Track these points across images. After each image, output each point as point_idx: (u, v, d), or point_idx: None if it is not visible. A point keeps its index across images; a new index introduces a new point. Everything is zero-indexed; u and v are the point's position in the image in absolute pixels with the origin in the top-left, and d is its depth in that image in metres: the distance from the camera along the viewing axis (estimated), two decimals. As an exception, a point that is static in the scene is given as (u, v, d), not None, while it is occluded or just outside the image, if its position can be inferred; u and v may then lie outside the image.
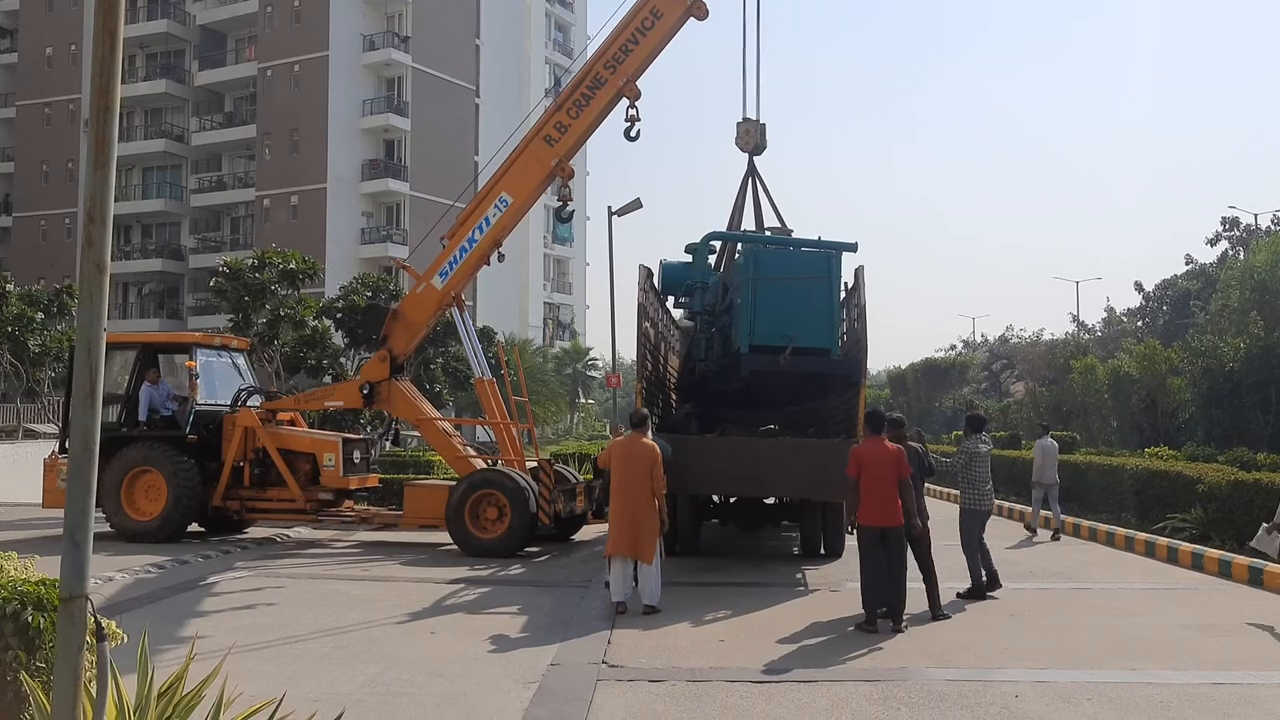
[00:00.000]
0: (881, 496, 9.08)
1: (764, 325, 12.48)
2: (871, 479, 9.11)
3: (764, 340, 12.45)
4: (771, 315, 12.47)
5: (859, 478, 9.19)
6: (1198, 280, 45.25)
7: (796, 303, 12.51)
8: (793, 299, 12.53)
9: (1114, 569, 13.09)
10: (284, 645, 8.32)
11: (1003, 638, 8.90)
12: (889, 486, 9.09)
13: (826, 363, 12.75)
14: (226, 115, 55.28)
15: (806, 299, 12.58)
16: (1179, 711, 6.56)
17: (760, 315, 12.51)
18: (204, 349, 16.34)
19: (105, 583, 11.09)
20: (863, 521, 9.24)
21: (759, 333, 12.50)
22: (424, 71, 53.17)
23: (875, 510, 9.11)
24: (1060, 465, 17.02)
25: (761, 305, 12.52)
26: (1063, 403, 32.88)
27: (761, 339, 12.48)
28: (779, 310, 12.48)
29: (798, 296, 12.57)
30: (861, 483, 9.18)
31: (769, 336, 12.43)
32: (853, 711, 6.54)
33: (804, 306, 12.52)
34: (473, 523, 13.88)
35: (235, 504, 15.29)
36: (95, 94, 3.33)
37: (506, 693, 6.93)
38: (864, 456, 9.22)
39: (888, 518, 9.09)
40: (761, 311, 12.51)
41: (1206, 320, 33.49)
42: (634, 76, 14.37)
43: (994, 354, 62.45)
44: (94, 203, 3.32)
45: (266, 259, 26.37)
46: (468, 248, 14.99)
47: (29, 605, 4.33)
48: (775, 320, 12.44)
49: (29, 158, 56.26)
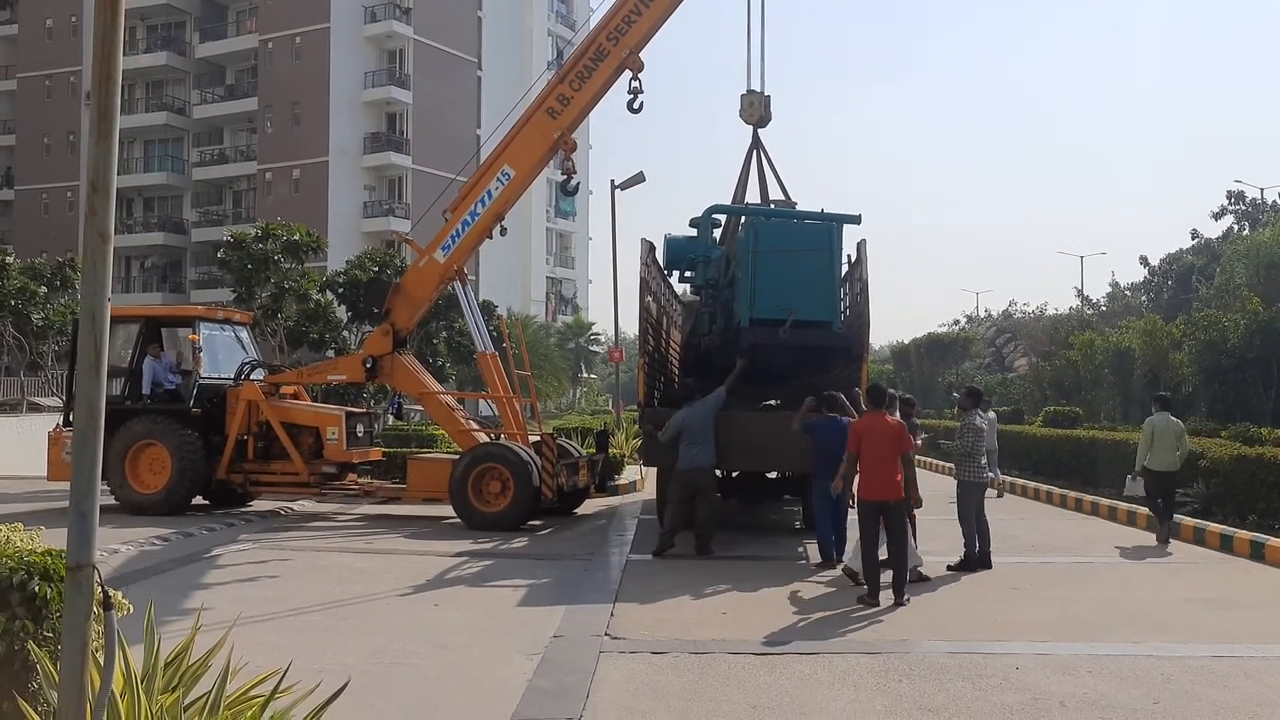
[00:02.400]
0: (882, 471, 9.09)
1: (764, 298, 12.43)
2: (872, 453, 9.14)
3: (764, 313, 12.41)
4: (772, 288, 12.42)
5: (859, 452, 9.24)
6: (1203, 255, 45.09)
7: (797, 275, 12.46)
8: (793, 272, 12.48)
9: (1116, 543, 13.12)
10: (288, 617, 8.38)
11: (1004, 611, 8.93)
12: (890, 461, 9.11)
13: (827, 336, 12.71)
14: (228, 88, 55.09)
15: (807, 272, 12.53)
16: (1180, 684, 6.60)
17: (760, 288, 12.46)
18: (207, 322, 16.36)
19: (111, 555, 11.15)
20: (864, 496, 9.26)
21: (759, 306, 12.46)
22: (426, 44, 52.90)
23: (876, 485, 9.14)
24: (1063, 441, 19.99)
25: (761, 278, 12.47)
26: (1065, 378, 32.87)
27: (762, 312, 12.44)
28: (779, 283, 12.42)
29: (798, 269, 12.51)
30: (862, 457, 9.22)
31: (769, 309, 12.39)
32: (854, 683, 6.58)
33: (805, 279, 12.46)
34: (476, 496, 13.92)
35: (239, 477, 15.34)
36: (97, 63, 3.31)
37: (510, 664, 6.98)
38: (864, 431, 9.28)
39: (888, 492, 9.11)
40: (762, 284, 12.46)
41: (1211, 295, 33.40)
42: (637, 48, 14.27)
43: (998, 329, 62.40)
44: (97, 173, 3.30)
45: (270, 231, 26.33)
46: (470, 221, 14.95)
47: (35, 575, 4.34)
48: (776, 293, 12.39)
49: (30, 130, 56.12)
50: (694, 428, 11.70)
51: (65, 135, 54.87)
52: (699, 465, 11.68)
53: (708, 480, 11.90)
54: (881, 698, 6.28)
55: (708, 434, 11.71)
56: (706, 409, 11.87)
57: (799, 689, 6.46)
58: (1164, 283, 47.71)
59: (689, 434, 11.69)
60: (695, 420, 11.75)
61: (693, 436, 11.67)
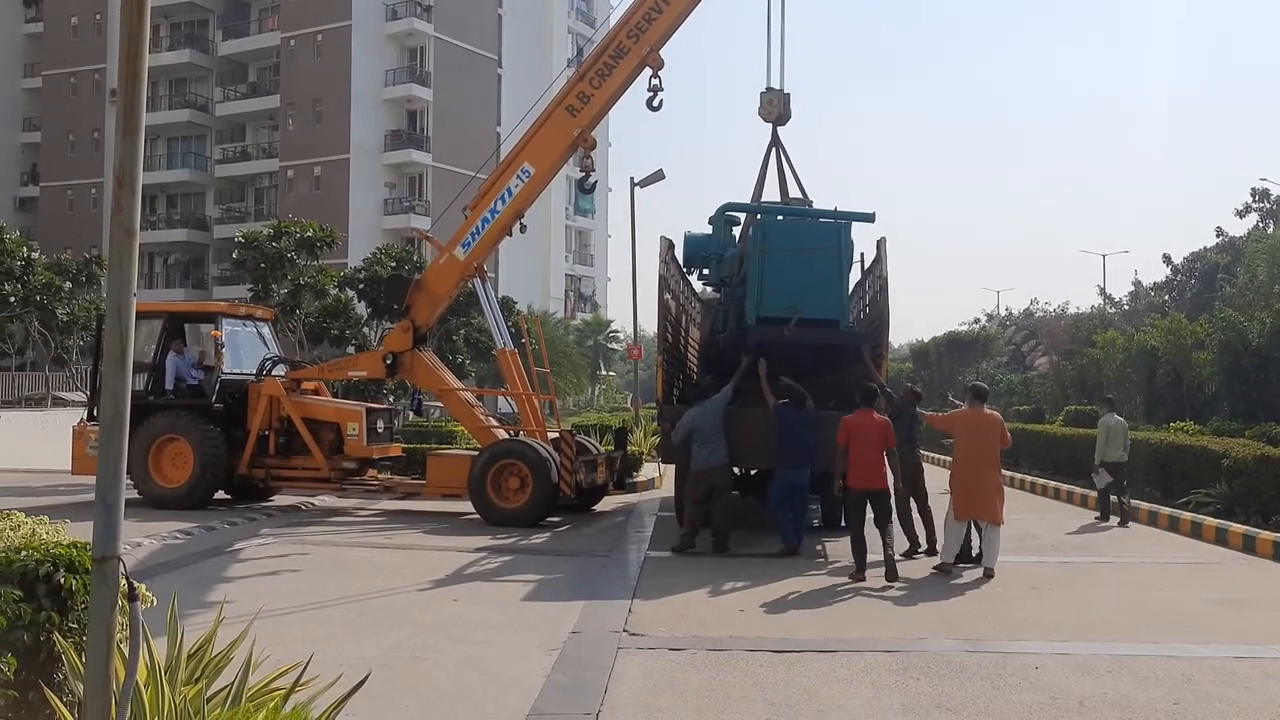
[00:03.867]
0: (868, 462, 10.14)
1: (771, 297, 12.46)
2: (860, 447, 10.13)
3: (771, 311, 12.44)
4: (779, 287, 12.44)
5: (849, 445, 10.13)
6: (1227, 253, 44.67)
7: (804, 274, 12.48)
8: (800, 270, 12.50)
9: (1137, 543, 13.05)
10: (309, 610, 8.44)
11: (1023, 610, 8.90)
12: (876, 454, 10.18)
13: (833, 334, 12.69)
14: (250, 85, 55.42)
15: (814, 270, 12.53)
16: (1200, 684, 6.56)
17: (767, 287, 12.49)
18: (229, 318, 16.49)
19: (134, 548, 11.25)
20: (851, 484, 10.19)
21: (766, 304, 12.50)
22: (446, 41, 53.04)
23: (862, 475, 10.12)
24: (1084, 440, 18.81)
25: (769, 276, 12.50)
26: (1087, 377, 32.64)
27: (769, 310, 12.47)
28: (786, 281, 12.45)
29: (805, 267, 12.52)
30: (851, 450, 10.14)
31: (776, 308, 12.42)
32: (873, 682, 6.57)
33: (812, 278, 12.47)
34: (495, 492, 13.97)
35: (261, 472, 15.44)
36: (123, 62, 3.35)
37: (528, 659, 7.01)
38: (854, 426, 10.21)
39: (873, 481, 10.14)
40: (769, 283, 12.49)
41: (1234, 293, 33.08)
42: (657, 45, 14.27)
43: (1018, 327, 61.98)
44: (123, 169, 3.34)
45: (284, 229, 26.48)
46: (490, 219, 14.99)
47: (61, 567, 4.40)
48: (782, 291, 12.42)
49: (55, 128, 56.60)
50: (704, 428, 11.72)
51: (90, 132, 55.34)
52: (712, 465, 11.70)
53: (722, 479, 11.91)
54: (900, 696, 6.27)
55: (718, 433, 11.73)
56: (714, 409, 11.89)
57: (817, 687, 6.46)
58: (1187, 281, 47.28)
59: (699, 434, 11.72)
60: (704, 420, 11.77)
61: (703, 436, 11.70)
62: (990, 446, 10.46)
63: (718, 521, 11.74)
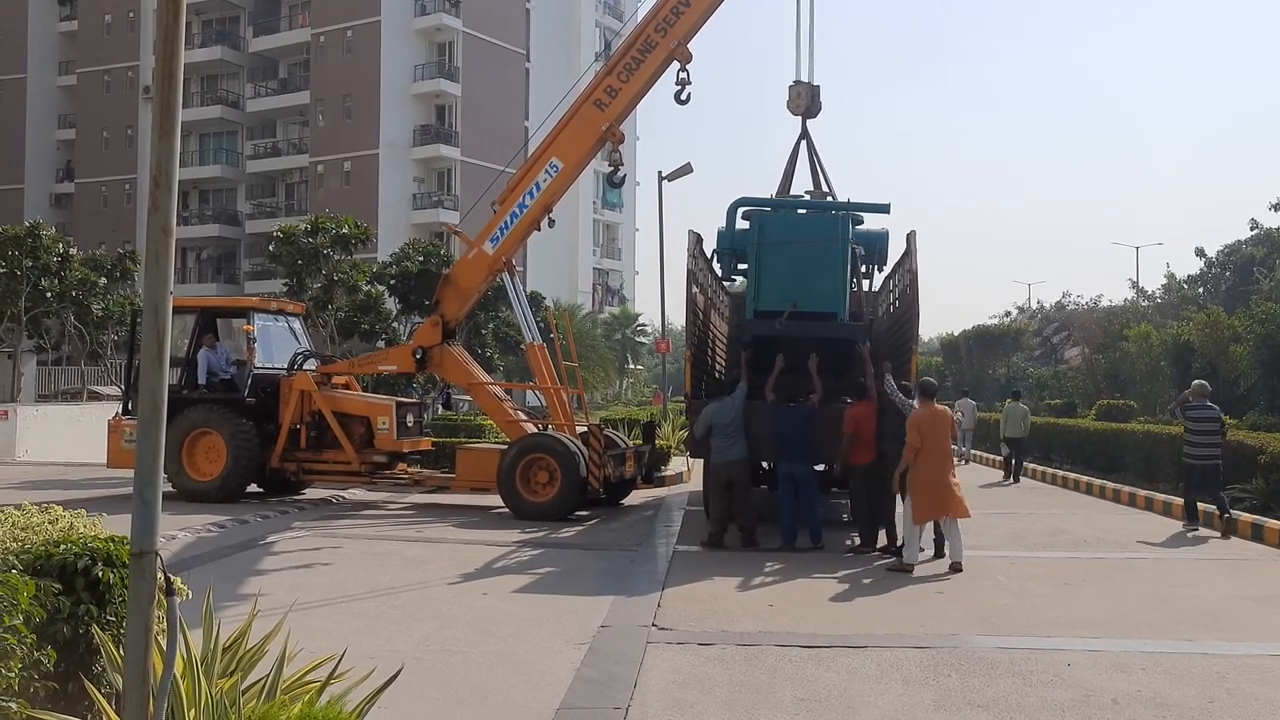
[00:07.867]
0: (866, 445, 11.47)
1: (769, 290, 12.42)
2: (860, 433, 11.41)
3: (769, 305, 12.40)
4: (777, 280, 12.39)
5: (854, 433, 11.33)
6: (1263, 246, 44.01)
7: (802, 267, 12.40)
8: (798, 263, 12.42)
9: (1170, 539, 12.90)
10: (341, 604, 8.51)
11: (1055, 606, 8.83)
12: (870, 439, 11.48)
13: (831, 327, 12.60)
14: (281, 81, 55.79)
15: (812, 263, 12.44)
16: (1235, 682, 6.49)
17: (765, 280, 12.43)
18: (261, 313, 16.63)
19: (169, 541, 11.38)
20: (853, 462, 11.52)
21: (764, 298, 12.46)
22: (475, 36, 53.16)
23: (862, 455, 11.44)
24: (1117, 435, 20.47)
25: (767, 270, 12.45)
26: (1119, 371, 32.29)
27: (766, 304, 12.42)
28: (784, 275, 12.38)
29: (803, 260, 12.44)
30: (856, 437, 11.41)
31: (774, 301, 12.37)
32: (902, 677, 6.55)
33: (810, 270, 12.39)
34: (524, 486, 14.02)
35: (292, 465, 15.58)
36: (159, 62, 3.38)
37: (558, 653, 7.04)
38: (860, 418, 11.42)
39: (866, 458, 11.48)
40: (766, 276, 12.43)
41: (1271, 287, 32.59)
42: (685, 39, 14.23)
43: (1048, 320, 61.33)
44: (159, 168, 3.37)
45: (320, 224, 26.65)
46: (518, 213, 15.03)
47: (99, 561, 4.46)
48: (781, 285, 12.36)
49: (90, 124, 57.26)
50: (723, 423, 11.70)
51: (124, 129, 55.95)
52: (729, 459, 11.69)
53: (740, 473, 11.86)
54: (930, 692, 6.25)
55: (737, 428, 11.69)
56: (733, 404, 11.85)
57: (847, 682, 6.44)
58: (1222, 274, 46.64)
59: (719, 429, 11.70)
60: (723, 415, 11.75)
61: (723, 431, 11.68)
62: (945, 444, 10.76)
63: (744, 516, 11.72)
